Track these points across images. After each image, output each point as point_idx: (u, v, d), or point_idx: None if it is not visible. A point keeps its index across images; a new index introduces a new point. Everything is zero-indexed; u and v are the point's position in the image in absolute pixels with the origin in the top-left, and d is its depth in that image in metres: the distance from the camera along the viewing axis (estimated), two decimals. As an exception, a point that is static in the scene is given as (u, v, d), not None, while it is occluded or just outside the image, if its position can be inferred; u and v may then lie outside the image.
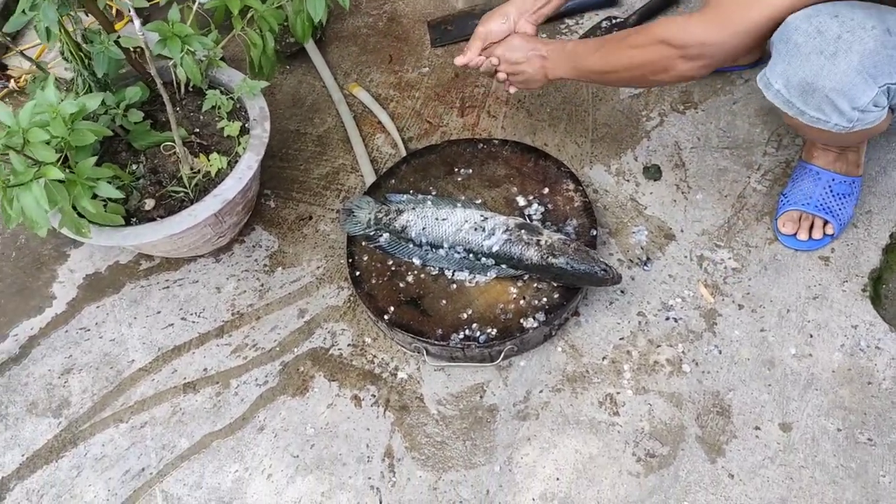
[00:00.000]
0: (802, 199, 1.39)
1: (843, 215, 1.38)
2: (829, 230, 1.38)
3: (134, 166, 1.40)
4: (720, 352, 1.30)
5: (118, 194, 1.13)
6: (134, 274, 1.53)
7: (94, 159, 1.10)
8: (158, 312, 1.48)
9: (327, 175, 1.63)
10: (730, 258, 1.40)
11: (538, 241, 1.31)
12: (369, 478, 1.24)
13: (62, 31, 1.27)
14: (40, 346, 1.46)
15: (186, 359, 1.41)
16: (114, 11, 1.90)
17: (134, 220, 1.33)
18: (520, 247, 1.30)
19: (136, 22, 1.13)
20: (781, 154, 1.52)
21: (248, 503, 1.24)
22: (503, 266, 1.33)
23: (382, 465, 1.25)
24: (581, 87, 1.68)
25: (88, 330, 1.47)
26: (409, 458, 1.26)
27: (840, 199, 1.38)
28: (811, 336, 1.30)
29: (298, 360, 1.38)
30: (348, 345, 1.39)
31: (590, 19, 1.80)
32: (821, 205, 1.38)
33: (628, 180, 1.53)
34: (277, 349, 1.40)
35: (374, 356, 1.37)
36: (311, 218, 1.57)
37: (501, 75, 1.40)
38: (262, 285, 1.49)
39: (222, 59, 1.47)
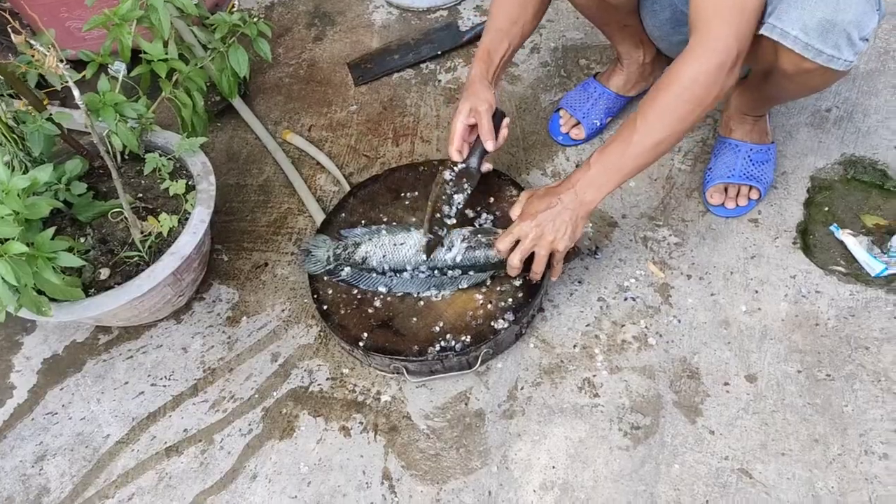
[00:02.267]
0: (726, 171, 1.51)
1: (764, 179, 1.50)
2: (754, 195, 1.50)
3: (82, 239, 1.39)
4: (679, 321, 1.38)
5: (80, 262, 1.12)
6: (94, 349, 1.51)
7: (51, 231, 1.09)
8: (126, 383, 1.45)
9: (275, 221, 1.65)
10: (670, 234, 1.50)
11: (496, 238, 1.36)
12: (372, 503, 1.25)
13: (-7, 113, 1.26)
14: (7, 438, 1.41)
15: (164, 423, 1.39)
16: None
17: (91, 290, 1.31)
18: (482, 250, 1.35)
19: (76, 92, 1.14)
20: (697, 134, 1.64)
21: (254, 553, 1.23)
22: (470, 273, 1.38)
23: (382, 487, 1.27)
24: (504, 102, 1.78)
25: (56, 413, 1.43)
26: (407, 476, 1.27)
27: (759, 165, 1.50)
28: (756, 292, 1.40)
29: (279, 403, 1.39)
30: (327, 379, 1.40)
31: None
32: (744, 174, 1.49)
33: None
34: (256, 396, 1.40)
35: (355, 385, 1.39)
36: (266, 265, 1.58)
37: (542, 251, 1.26)
38: (230, 337, 1.49)
39: (154, 123, 1.48)
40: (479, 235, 1.37)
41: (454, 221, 1.38)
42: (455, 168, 1.39)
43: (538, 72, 1.83)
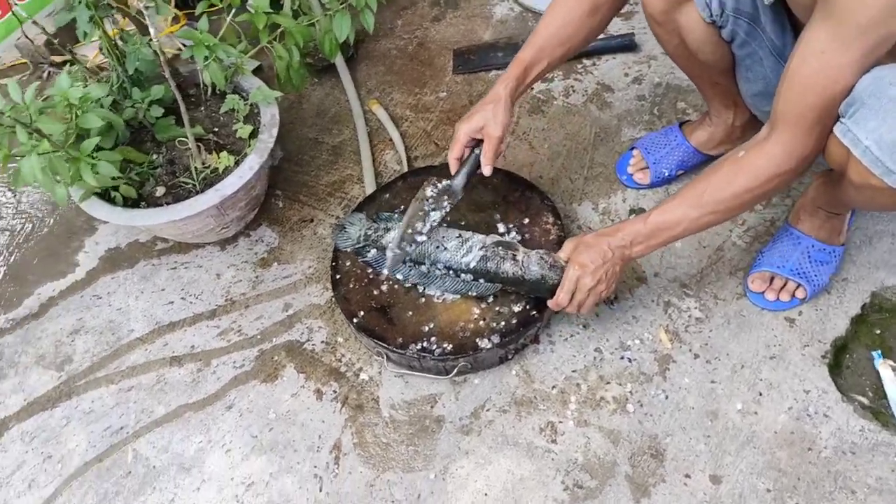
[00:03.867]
0: (778, 260, 1.40)
1: (817, 281, 1.39)
2: (801, 294, 1.39)
3: (155, 156, 1.55)
4: (667, 397, 1.33)
5: (115, 172, 1.27)
6: (149, 253, 1.69)
7: (96, 140, 1.24)
8: (163, 290, 1.62)
9: (334, 183, 1.74)
10: (696, 307, 1.43)
11: (514, 255, 1.36)
12: (315, 466, 1.33)
13: (101, 30, 1.43)
14: (57, 306, 1.62)
15: (178, 335, 1.55)
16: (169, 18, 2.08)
17: (143, 203, 1.47)
18: (495, 262, 1.35)
19: (151, 27, 1.27)
20: (768, 212, 1.53)
21: (204, 472, 1.35)
22: (481, 281, 1.39)
23: (329, 456, 1.34)
24: (585, 126, 1.74)
25: (100, 298, 1.63)
26: (354, 454, 1.34)
27: (817, 265, 1.39)
28: (760, 394, 1.31)
29: (275, 349, 1.49)
30: (322, 342, 1.49)
31: (606, 62, 1.86)
32: (796, 269, 1.39)
33: (612, 220, 1.57)
34: (259, 337, 1.52)
35: (343, 355, 1.47)
36: (312, 221, 1.68)
37: (593, 300, 1.28)
38: (257, 277, 1.61)
39: (259, 67, 1.60)
40: (499, 248, 1.37)
41: (425, 238, 1.39)
42: (438, 185, 1.39)
43: (631, 104, 1.77)
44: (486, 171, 1.35)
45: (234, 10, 1.57)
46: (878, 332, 1.36)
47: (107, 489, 1.35)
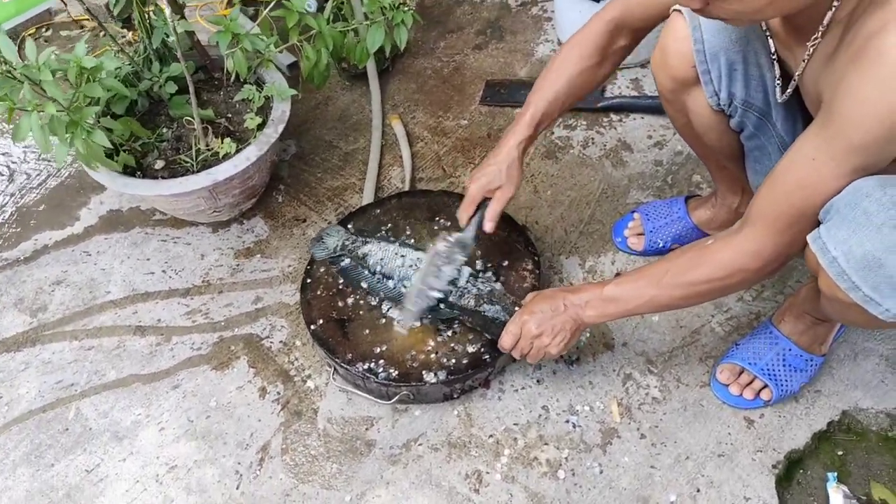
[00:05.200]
0: (750, 356, 1.34)
1: (786, 387, 1.31)
2: (766, 395, 1.32)
3: (164, 130, 1.59)
4: (601, 471, 1.28)
5: (107, 143, 1.30)
6: (145, 221, 1.73)
7: (95, 109, 1.28)
8: (148, 259, 1.66)
9: (336, 188, 1.75)
10: (656, 386, 1.37)
11: (479, 289, 1.37)
12: (239, 463, 1.33)
13: (136, 3, 1.48)
14: (49, 255, 1.68)
15: (149, 306, 1.58)
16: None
17: (138, 173, 1.51)
18: (462, 291, 1.36)
19: (167, 9, 1.30)
20: (756, 305, 1.46)
21: (134, 445, 1.37)
22: (441, 305, 1.38)
23: (255, 456, 1.34)
24: (594, 180, 1.71)
25: (90, 255, 1.67)
26: (279, 459, 1.33)
27: (790, 370, 1.32)
28: (698, 490, 1.25)
29: (234, 339, 1.51)
30: (280, 341, 1.50)
31: (633, 120, 1.82)
32: (766, 369, 1.32)
33: (595, 279, 1.53)
34: (223, 323, 1.53)
35: (296, 359, 1.47)
36: (304, 221, 1.70)
37: (536, 353, 1.25)
38: (238, 265, 1.63)
39: (295, 63, 1.62)
40: (475, 282, 1.39)
41: (441, 295, 1.37)
42: (449, 239, 1.38)
43: (647, 167, 1.72)
44: (489, 227, 1.34)
45: (271, 4, 1.61)
46: (840, 453, 1.28)
47: (42, 440, 1.38)
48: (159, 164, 1.54)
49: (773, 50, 1.10)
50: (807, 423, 1.31)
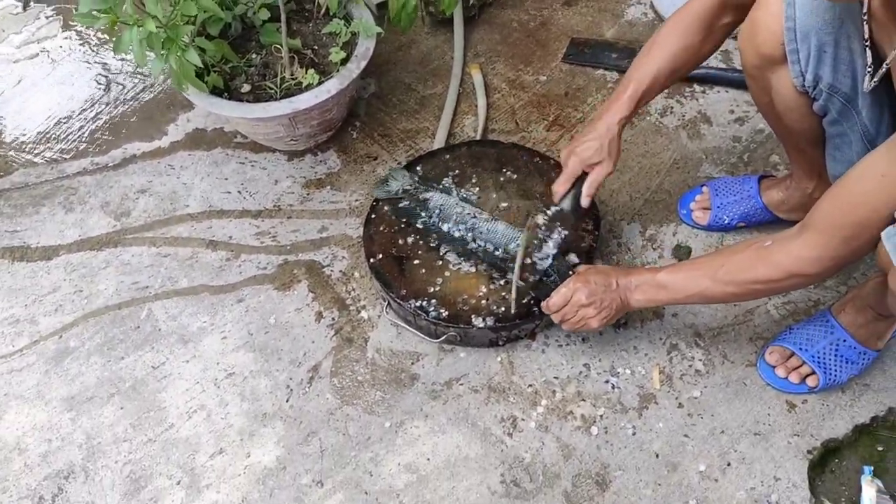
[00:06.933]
0: (802, 341, 1.33)
1: (834, 376, 1.30)
2: (812, 382, 1.31)
3: (253, 56, 1.65)
4: (634, 433, 1.31)
5: (198, 62, 1.37)
6: (227, 142, 1.81)
7: (191, 28, 1.34)
8: (226, 179, 1.74)
9: (409, 131, 1.79)
10: (700, 359, 1.38)
11: (544, 240, 1.38)
12: (290, 378, 1.42)
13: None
14: (136, 164, 1.78)
15: (223, 222, 1.66)
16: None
17: (225, 95, 1.58)
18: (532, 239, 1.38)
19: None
20: (816, 293, 1.44)
21: (198, 349, 1.47)
22: (545, 279, 1.38)
23: (306, 374, 1.42)
24: (667, 149, 1.69)
25: (173, 168, 1.77)
26: (327, 381, 1.41)
27: (840, 361, 1.30)
28: (728, 465, 1.26)
29: (297, 263, 1.58)
30: (340, 271, 1.56)
31: (717, 93, 1.78)
32: (817, 357, 1.31)
33: (655, 249, 1.53)
34: (288, 248, 1.61)
35: (353, 289, 1.53)
36: (375, 159, 1.74)
37: (578, 322, 1.26)
38: (308, 194, 1.69)
39: (385, 3, 1.65)
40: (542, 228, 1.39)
41: (546, 267, 1.37)
42: (547, 213, 1.39)
43: (724, 142, 1.69)
44: (585, 202, 1.35)
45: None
46: (881, 449, 1.27)
47: (115, 334, 1.50)
48: (245, 87, 1.60)
49: (866, 36, 1.06)
50: (850, 414, 1.30)
